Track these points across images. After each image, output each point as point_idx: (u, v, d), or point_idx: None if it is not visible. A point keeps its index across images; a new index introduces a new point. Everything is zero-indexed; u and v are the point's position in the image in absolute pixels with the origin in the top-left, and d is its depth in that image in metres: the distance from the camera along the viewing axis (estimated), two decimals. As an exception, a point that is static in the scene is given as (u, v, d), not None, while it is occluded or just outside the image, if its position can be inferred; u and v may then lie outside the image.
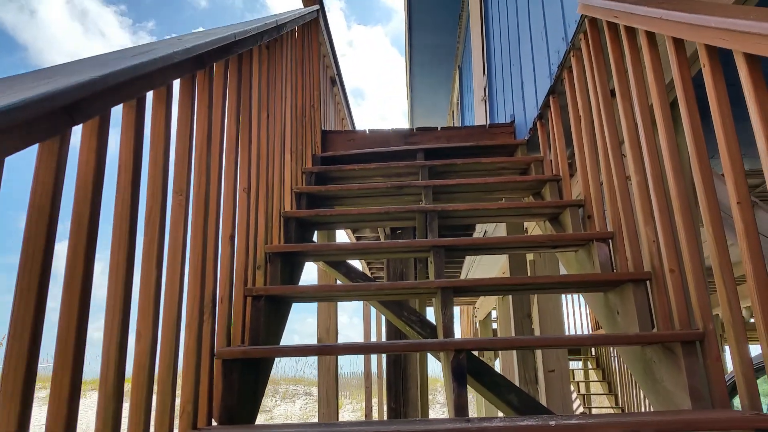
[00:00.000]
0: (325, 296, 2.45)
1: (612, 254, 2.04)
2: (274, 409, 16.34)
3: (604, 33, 2.00)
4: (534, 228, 3.64)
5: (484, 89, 5.40)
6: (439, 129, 3.57)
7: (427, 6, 6.33)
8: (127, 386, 1.09)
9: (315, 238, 2.92)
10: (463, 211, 2.52)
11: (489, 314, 9.24)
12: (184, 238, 1.37)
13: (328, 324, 3.23)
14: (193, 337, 1.41)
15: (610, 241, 2.05)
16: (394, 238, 4.05)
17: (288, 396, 16.98)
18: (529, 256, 3.67)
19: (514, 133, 3.51)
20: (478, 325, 9.66)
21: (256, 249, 2.06)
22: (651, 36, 1.68)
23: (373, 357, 7.91)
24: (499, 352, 8.21)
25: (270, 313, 1.94)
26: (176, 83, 1.40)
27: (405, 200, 2.92)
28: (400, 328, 2.56)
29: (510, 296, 7.29)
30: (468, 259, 6.41)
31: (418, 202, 2.89)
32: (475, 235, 5.14)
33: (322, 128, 3.63)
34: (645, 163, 1.75)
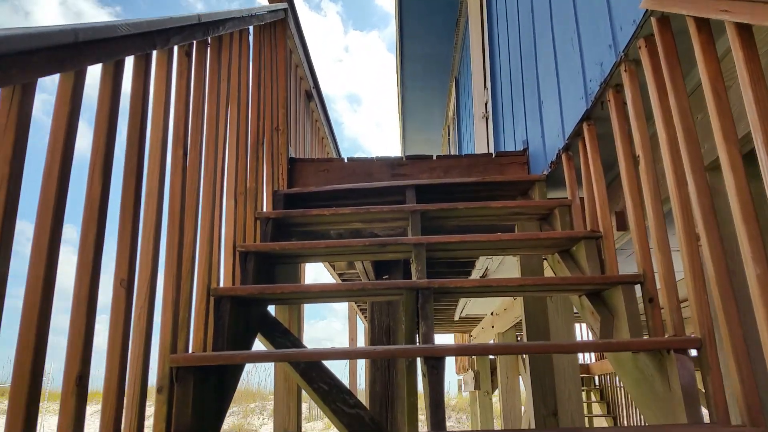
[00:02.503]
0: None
1: (698, 372, 1.34)
2: (261, 428, 15.51)
3: (690, 36, 1.32)
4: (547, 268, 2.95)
5: (486, 105, 4.73)
6: (434, 158, 2.87)
7: (420, 12, 5.67)
8: None
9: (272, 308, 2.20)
10: (456, 243, 1.86)
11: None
12: None
13: (287, 422, 2.52)
14: None
15: (698, 350, 1.35)
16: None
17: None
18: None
19: (528, 165, 2.82)
20: (475, 356, 8.96)
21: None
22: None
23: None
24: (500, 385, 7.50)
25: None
26: None
27: (389, 257, 2.22)
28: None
29: (507, 331, 6.59)
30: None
31: (407, 258, 2.18)
32: (475, 272, 4.45)
33: (291, 155, 2.92)
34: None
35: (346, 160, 2.89)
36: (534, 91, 2.70)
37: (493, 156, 2.85)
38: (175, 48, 1.53)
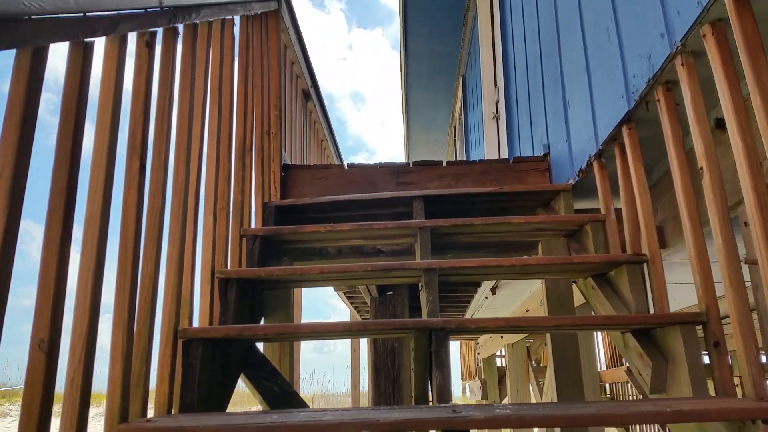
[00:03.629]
0: None
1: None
2: None
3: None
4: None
5: (497, 105, 4.43)
6: (444, 164, 2.57)
7: (426, 7, 5.37)
8: None
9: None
10: (475, 268, 1.57)
11: (493, 354, 8.25)
12: None
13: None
14: None
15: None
16: (383, 304, 3.05)
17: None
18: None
19: (549, 172, 2.52)
20: (481, 362, 8.66)
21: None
22: None
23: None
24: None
25: None
26: None
27: (396, 281, 1.93)
28: None
29: (518, 341, 6.29)
30: (476, 298, 5.39)
31: (417, 283, 1.88)
32: (481, 289, 4.16)
33: (284, 161, 2.63)
34: None
35: (346, 167, 2.59)
36: (557, 90, 2.39)
37: (510, 162, 2.55)
38: (131, 36, 1.24)
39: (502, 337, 6.16)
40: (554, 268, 1.72)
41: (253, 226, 2.17)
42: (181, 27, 1.54)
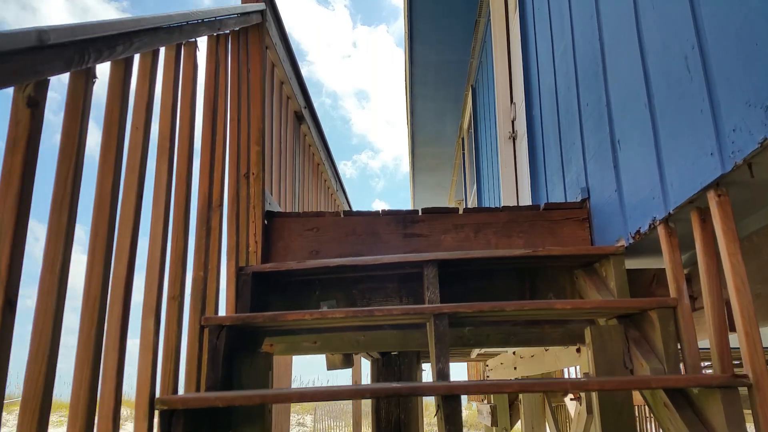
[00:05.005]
0: None
1: None
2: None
3: None
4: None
5: (513, 123, 3.98)
6: (460, 212, 2.12)
7: (433, 13, 4.92)
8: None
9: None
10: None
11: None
12: None
13: None
14: None
15: None
16: (387, 367, 2.61)
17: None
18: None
19: (590, 223, 2.07)
20: (489, 386, 8.19)
21: None
22: None
23: None
24: None
25: None
26: None
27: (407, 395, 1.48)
28: None
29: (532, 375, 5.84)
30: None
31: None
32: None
33: (269, 206, 2.18)
34: None
35: (342, 215, 2.14)
36: (601, 124, 1.94)
37: (541, 209, 2.10)
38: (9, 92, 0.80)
39: (515, 368, 5.71)
40: (611, 394, 1.27)
41: (223, 299, 1.73)
42: (108, 64, 1.10)
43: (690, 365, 1.41)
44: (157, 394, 1.27)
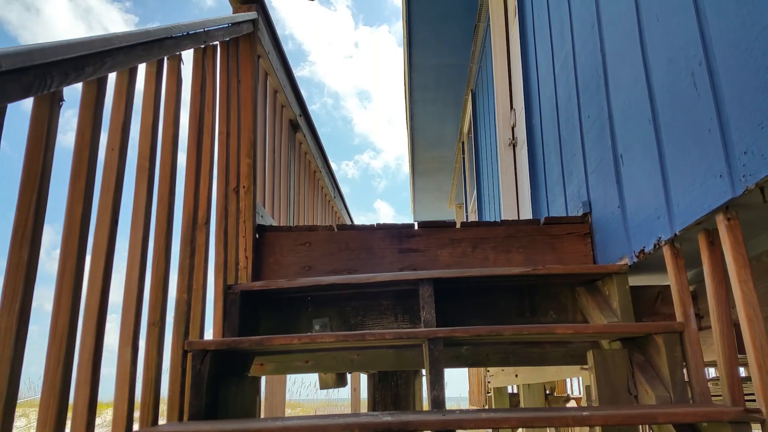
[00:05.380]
0: None
1: None
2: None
3: None
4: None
5: (513, 130, 3.91)
6: (457, 226, 2.06)
7: (432, 16, 4.85)
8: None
9: None
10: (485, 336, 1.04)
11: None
12: None
13: None
14: None
15: None
16: (383, 382, 2.54)
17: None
18: None
19: (592, 238, 2.00)
20: (492, 392, 8.12)
21: None
22: None
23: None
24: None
25: None
26: None
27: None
28: None
29: (534, 384, 5.77)
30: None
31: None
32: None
33: (260, 219, 2.12)
34: None
35: (335, 229, 2.08)
36: (603, 137, 1.87)
37: (541, 223, 2.03)
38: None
39: (516, 375, 5.63)
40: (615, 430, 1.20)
41: (210, 317, 1.66)
42: (80, 85, 1.03)
43: (698, 393, 1.34)
44: (136, 427, 1.21)
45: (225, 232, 1.77)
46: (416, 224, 2.07)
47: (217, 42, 1.81)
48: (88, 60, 0.99)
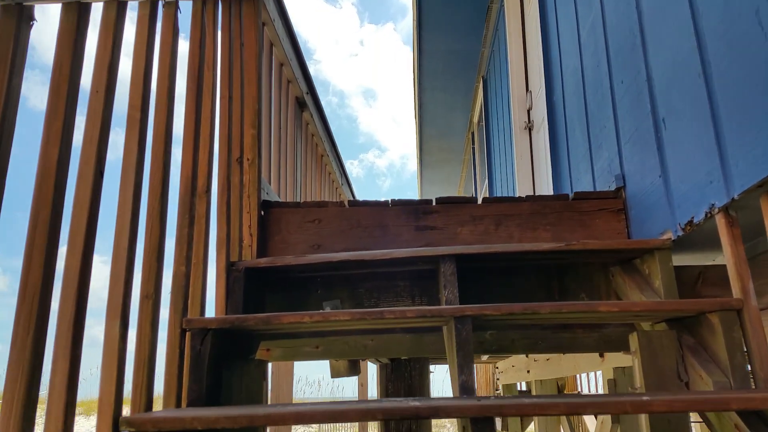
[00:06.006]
0: None
1: None
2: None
3: None
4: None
5: (529, 112, 3.75)
6: (479, 202, 1.90)
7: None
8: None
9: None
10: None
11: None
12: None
13: None
14: None
15: None
16: (396, 372, 2.39)
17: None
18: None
19: (626, 214, 1.84)
20: (501, 388, 7.96)
21: None
22: None
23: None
24: None
25: None
26: None
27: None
28: None
29: (547, 380, 5.61)
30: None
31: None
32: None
33: (265, 195, 1.97)
34: None
35: (347, 205, 1.92)
36: (640, 101, 1.71)
37: (571, 199, 1.88)
38: None
39: (528, 371, 5.47)
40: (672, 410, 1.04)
41: (211, 298, 1.52)
42: (59, 8, 0.89)
43: (762, 378, 1.19)
44: (126, 412, 1.06)
45: (228, 205, 1.62)
46: (434, 200, 1.92)
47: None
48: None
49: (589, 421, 5.66)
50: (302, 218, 1.91)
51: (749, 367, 1.23)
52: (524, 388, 7.25)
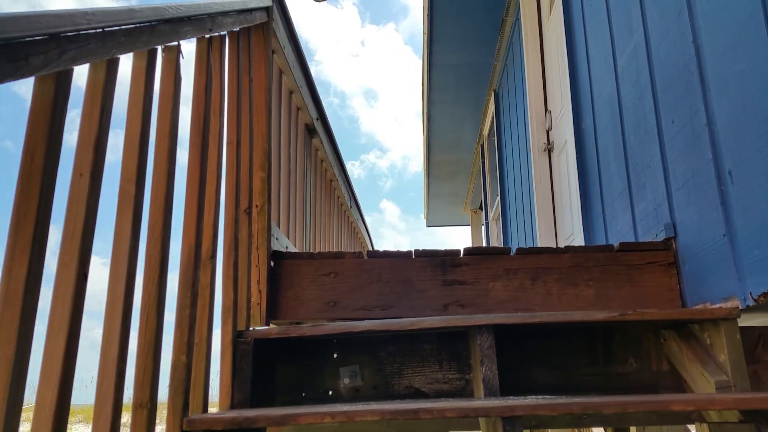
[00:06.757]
0: None
1: None
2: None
3: None
4: None
5: (548, 133, 3.56)
6: (512, 254, 1.72)
7: (455, 11, 4.51)
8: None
9: None
10: None
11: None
12: None
13: None
14: None
15: None
16: None
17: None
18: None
19: (678, 269, 1.65)
20: None
21: None
22: None
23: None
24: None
25: None
26: None
27: None
28: None
29: None
30: None
31: None
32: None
33: (276, 243, 1.79)
34: None
35: (365, 256, 1.74)
36: (699, 147, 1.52)
37: (615, 251, 1.69)
38: None
39: None
40: None
41: (215, 370, 1.34)
42: (32, 81, 0.71)
43: None
44: None
45: (235, 267, 1.44)
46: (462, 251, 1.73)
47: (226, 32, 1.48)
48: (35, 47, 0.66)
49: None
50: (316, 271, 1.73)
51: None
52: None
